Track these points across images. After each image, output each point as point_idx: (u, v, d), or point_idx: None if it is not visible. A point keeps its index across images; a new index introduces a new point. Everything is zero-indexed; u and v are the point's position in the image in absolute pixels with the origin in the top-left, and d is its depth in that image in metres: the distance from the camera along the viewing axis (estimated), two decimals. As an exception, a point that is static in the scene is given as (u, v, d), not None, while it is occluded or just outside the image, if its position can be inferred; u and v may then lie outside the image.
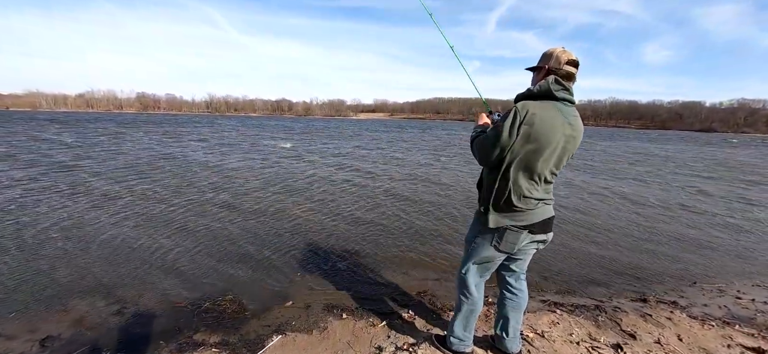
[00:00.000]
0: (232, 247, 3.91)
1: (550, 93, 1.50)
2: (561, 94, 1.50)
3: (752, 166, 14.02)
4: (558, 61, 1.53)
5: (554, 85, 1.50)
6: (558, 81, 1.51)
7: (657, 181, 9.41)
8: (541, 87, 1.52)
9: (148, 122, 36.19)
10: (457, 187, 7.61)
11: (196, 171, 8.60)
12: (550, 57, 1.55)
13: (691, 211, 6.22)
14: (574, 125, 1.54)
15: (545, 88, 1.50)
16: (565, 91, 1.52)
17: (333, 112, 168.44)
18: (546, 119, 1.46)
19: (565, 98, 1.52)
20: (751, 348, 2.23)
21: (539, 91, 1.52)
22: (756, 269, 3.79)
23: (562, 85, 1.51)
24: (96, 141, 14.98)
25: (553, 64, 1.54)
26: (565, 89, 1.52)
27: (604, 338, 2.28)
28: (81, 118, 40.09)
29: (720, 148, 25.22)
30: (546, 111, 1.47)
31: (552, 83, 1.50)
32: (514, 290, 1.90)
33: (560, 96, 1.50)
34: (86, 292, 2.91)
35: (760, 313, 2.80)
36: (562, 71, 1.53)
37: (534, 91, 1.54)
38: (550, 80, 1.50)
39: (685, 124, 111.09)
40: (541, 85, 1.53)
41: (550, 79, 1.51)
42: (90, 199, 5.61)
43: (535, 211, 1.60)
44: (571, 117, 1.53)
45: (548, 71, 1.55)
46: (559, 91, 1.50)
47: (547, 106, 1.49)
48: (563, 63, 1.52)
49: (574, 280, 3.35)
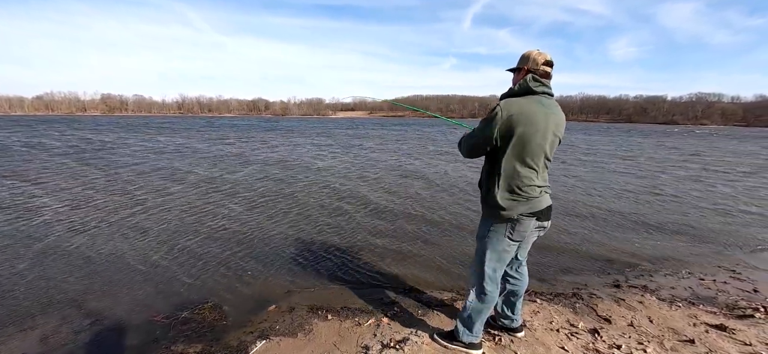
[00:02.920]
0: (209, 252, 3.78)
1: (530, 89, 1.66)
2: (539, 88, 1.67)
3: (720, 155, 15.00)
4: (535, 62, 1.69)
5: (532, 82, 1.67)
6: (536, 78, 1.68)
7: (626, 171, 9.90)
8: (520, 85, 1.69)
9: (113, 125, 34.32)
10: (434, 180, 7.72)
11: (164, 176, 8.26)
12: (527, 59, 1.72)
13: (658, 198, 6.59)
14: (556, 114, 1.70)
15: (525, 86, 1.67)
16: (543, 86, 1.69)
17: (311, 112, 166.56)
18: (529, 112, 1.61)
19: (544, 92, 1.68)
20: (714, 325, 2.39)
21: (520, 88, 1.69)
22: (715, 251, 4.06)
23: (539, 81, 1.68)
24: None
25: (531, 65, 1.70)
26: (543, 85, 1.69)
27: (582, 324, 2.38)
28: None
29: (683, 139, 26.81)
30: (528, 105, 1.63)
31: (530, 81, 1.67)
32: (517, 276, 2.06)
33: (539, 90, 1.67)
34: (54, 305, 2.73)
35: (721, 292, 3.00)
36: (540, 71, 1.69)
37: (515, 89, 1.71)
38: (529, 78, 1.67)
39: (649, 117, 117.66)
40: (520, 84, 1.70)
41: (529, 77, 1.68)
42: (49, 209, 5.28)
43: (540, 198, 1.72)
44: (552, 107, 1.69)
45: (527, 71, 1.71)
46: (538, 86, 1.67)
47: (529, 100, 1.65)
48: (540, 64, 1.69)
49: (551, 269, 3.47)
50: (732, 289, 3.06)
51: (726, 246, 4.24)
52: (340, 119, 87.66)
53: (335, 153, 13.77)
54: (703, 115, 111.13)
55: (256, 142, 18.15)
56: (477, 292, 1.91)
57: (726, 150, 18.39)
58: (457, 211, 5.52)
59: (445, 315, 2.50)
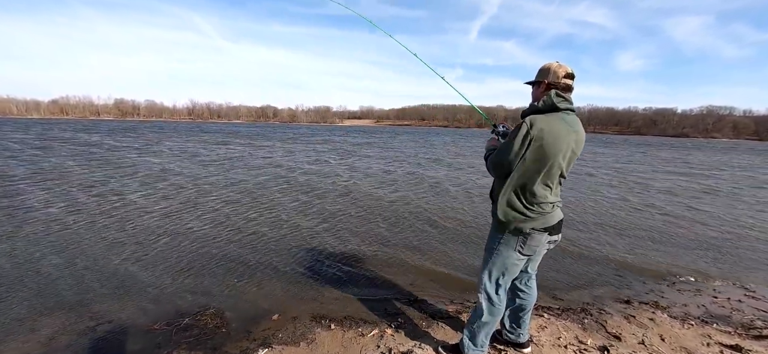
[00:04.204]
0: (212, 259, 3.79)
1: (554, 106, 1.62)
2: (563, 105, 1.63)
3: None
4: (556, 75, 1.65)
5: (556, 98, 1.62)
6: (559, 94, 1.64)
7: (635, 184, 9.75)
8: (544, 102, 1.64)
9: (118, 130, 35.01)
10: (442, 189, 7.67)
11: (170, 182, 8.35)
12: (548, 72, 1.68)
13: (665, 213, 6.45)
14: (578, 131, 1.67)
15: (550, 103, 1.63)
16: (566, 102, 1.65)
17: (319, 119, 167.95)
18: (553, 131, 1.57)
19: (567, 108, 1.64)
20: (729, 346, 2.30)
21: (544, 105, 1.64)
22: (730, 268, 3.94)
23: (562, 97, 1.64)
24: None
25: (552, 79, 1.66)
26: (566, 100, 1.65)
27: (590, 341, 2.31)
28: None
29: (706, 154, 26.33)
30: (553, 123, 1.58)
31: (554, 97, 1.62)
32: (526, 290, 2.01)
33: (563, 107, 1.63)
34: (57, 310, 2.74)
35: (736, 311, 2.90)
36: (561, 84, 1.65)
37: (539, 105, 1.66)
38: (552, 94, 1.63)
39: (658, 129, 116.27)
40: (544, 101, 1.64)
41: (552, 93, 1.63)
42: (54, 211, 5.36)
43: (553, 213, 1.70)
44: (574, 124, 1.66)
45: (548, 86, 1.67)
46: (561, 102, 1.63)
47: (553, 118, 1.60)
48: (561, 77, 1.65)
49: (559, 284, 3.40)
50: (747, 309, 2.95)
51: (742, 264, 4.11)
52: (347, 126, 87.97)
53: (341, 160, 13.81)
54: (714, 128, 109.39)
55: (267, 148, 18.29)
56: (483, 304, 1.88)
57: (747, 164, 18.00)
58: (465, 221, 5.46)
59: (450, 327, 2.45)
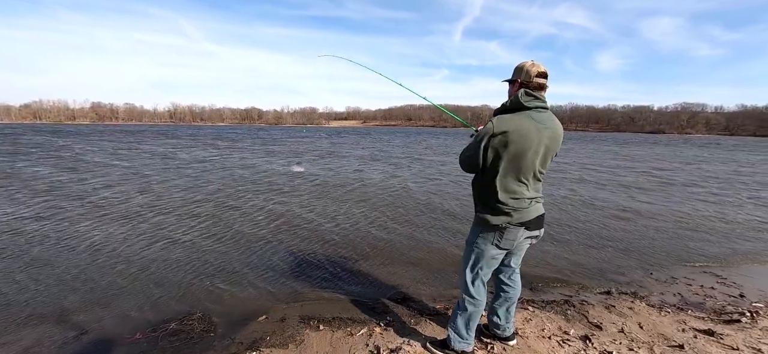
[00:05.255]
0: (198, 262, 3.72)
1: (521, 105, 1.66)
2: (532, 103, 1.66)
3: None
4: (528, 74, 1.68)
5: (524, 97, 1.66)
6: (528, 92, 1.67)
7: (616, 179, 10.07)
8: (512, 102, 1.69)
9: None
10: (427, 187, 7.75)
11: (152, 184, 8.15)
12: (521, 71, 1.72)
13: (637, 208, 6.70)
14: (551, 127, 1.69)
15: (516, 102, 1.67)
16: (536, 100, 1.67)
17: (305, 121, 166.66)
18: (520, 129, 1.61)
19: (536, 106, 1.67)
20: (702, 330, 2.42)
21: (511, 104, 1.70)
22: (703, 257, 4.13)
23: (532, 95, 1.67)
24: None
25: (524, 78, 1.70)
26: (536, 98, 1.67)
27: (573, 331, 2.39)
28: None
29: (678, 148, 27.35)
30: (518, 121, 1.63)
31: (522, 96, 1.66)
32: (510, 283, 2.06)
33: (531, 105, 1.66)
34: (37, 318, 2.65)
35: (708, 298, 3.05)
36: (533, 83, 1.68)
37: (507, 105, 1.72)
38: (521, 93, 1.67)
39: (636, 126, 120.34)
40: (512, 100, 1.70)
41: (520, 92, 1.67)
42: (29, 214, 5.15)
43: (529, 209, 1.73)
44: (547, 121, 1.68)
45: (521, 84, 1.70)
46: (530, 101, 1.66)
47: (519, 116, 1.65)
48: (533, 76, 1.68)
49: (543, 277, 3.49)
50: (719, 295, 3.11)
51: (712, 252, 4.31)
52: (336, 128, 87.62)
53: (329, 161, 13.75)
54: (688, 124, 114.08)
55: (251, 150, 18.03)
56: (465, 297, 1.93)
57: (722, 159, 18.82)
58: (450, 220, 5.53)
59: (438, 324, 2.49)
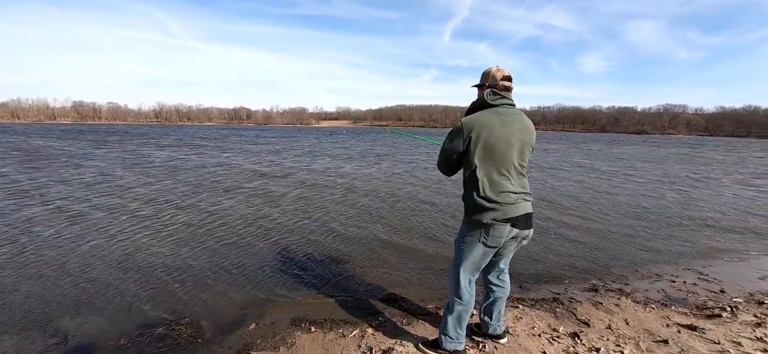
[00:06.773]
0: (185, 266, 3.65)
1: (486, 103, 1.79)
2: (497, 101, 1.78)
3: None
4: (494, 78, 1.81)
5: (490, 96, 1.79)
6: (494, 92, 1.80)
7: (602, 179, 10.29)
8: (478, 101, 1.84)
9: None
10: (418, 188, 7.77)
11: (130, 187, 7.96)
12: (487, 75, 1.84)
13: (632, 206, 6.87)
14: (519, 121, 1.78)
15: (481, 100, 1.81)
16: (502, 98, 1.79)
17: (294, 121, 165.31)
18: (487, 124, 1.73)
19: (502, 103, 1.79)
20: (685, 325, 2.49)
21: (476, 104, 1.84)
22: (685, 254, 4.25)
23: (498, 94, 1.79)
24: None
25: (491, 82, 1.82)
26: (502, 97, 1.79)
27: (562, 328, 2.43)
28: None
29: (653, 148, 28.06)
30: (484, 117, 1.75)
31: (488, 95, 1.79)
32: (499, 283, 2.08)
33: (497, 103, 1.78)
34: (16, 324, 2.55)
35: (691, 294, 3.14)
36: (499, 85, 1.80)
37: (474, 105, 1.85)
38: (486, 93, 1.81)
39: (621, 126, 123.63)
40: (478, 100, 1.84)
41: (487, 92, 1.81)
42: (27, 221, 4.97)
43: (516, 205, 1.76)
44: (514, 115, 1.78)
45: (488, 87, 1.83)
46: (495, 99, 1.79)
47: (485, 113, 1.77)
48: (499, 79, 1.80)
49: (532, 276, 3.54)
50: (701, 291, 3.20)
51: (694, 249, 4.45)
52: (324, 128, 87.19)
53: (318, 162, 13.67)
54: (669, 125, 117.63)
55: (239, 150, 17.79)
56: (454, 297, 1.94)
57: (709, 158, 19.41)
58: (442, 220, 5.56)
59: (430, 324, 2.50)
